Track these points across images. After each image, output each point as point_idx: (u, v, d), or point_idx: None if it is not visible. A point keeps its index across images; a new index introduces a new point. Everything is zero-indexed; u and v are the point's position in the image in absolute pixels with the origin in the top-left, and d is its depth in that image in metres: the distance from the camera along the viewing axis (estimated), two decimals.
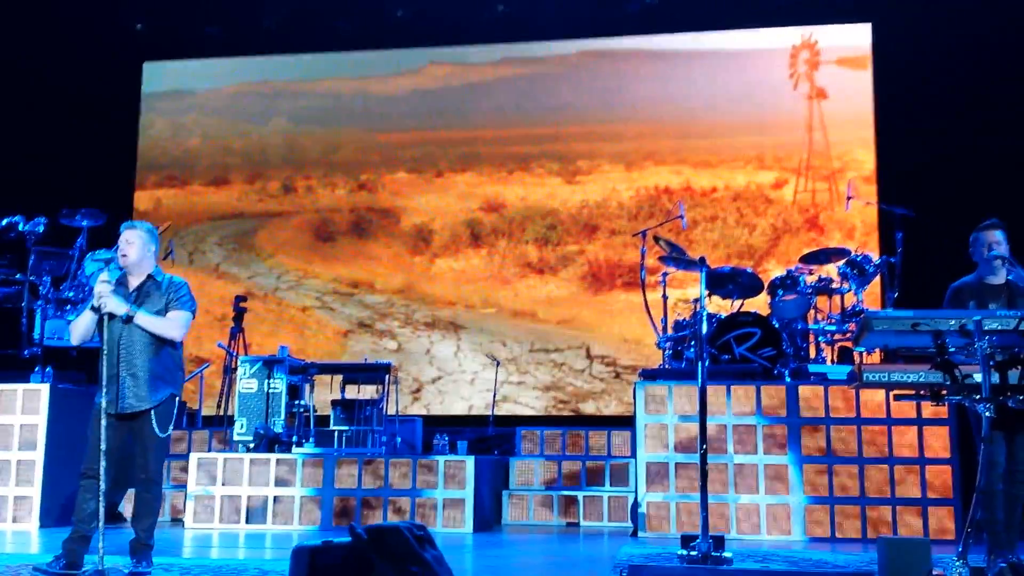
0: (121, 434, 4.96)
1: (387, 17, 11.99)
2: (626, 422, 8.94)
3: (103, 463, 4.65)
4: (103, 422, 4.71)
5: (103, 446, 4.66)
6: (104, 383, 4.86)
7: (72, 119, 11.61)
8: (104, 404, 4.81)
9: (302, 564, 1.06)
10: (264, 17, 12.18)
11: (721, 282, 8.00)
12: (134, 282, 5.12)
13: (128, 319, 4.91)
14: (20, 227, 7.87)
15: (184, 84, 12.73)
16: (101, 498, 4.62)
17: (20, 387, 7.68)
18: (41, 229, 7.94)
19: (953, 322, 4.44)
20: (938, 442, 7.16)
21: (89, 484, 4.82)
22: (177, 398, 5.14)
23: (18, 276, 8.04)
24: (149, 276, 5.13)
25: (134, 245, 5.06)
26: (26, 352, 7.85)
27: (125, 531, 5.48)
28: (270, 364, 8.65)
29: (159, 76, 12.75)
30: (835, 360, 8.19)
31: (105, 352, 4.84)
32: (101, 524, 4.61)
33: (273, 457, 7.98)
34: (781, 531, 7.15)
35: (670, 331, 8.34)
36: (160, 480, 5.13)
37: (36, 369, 7.83)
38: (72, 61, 11.67)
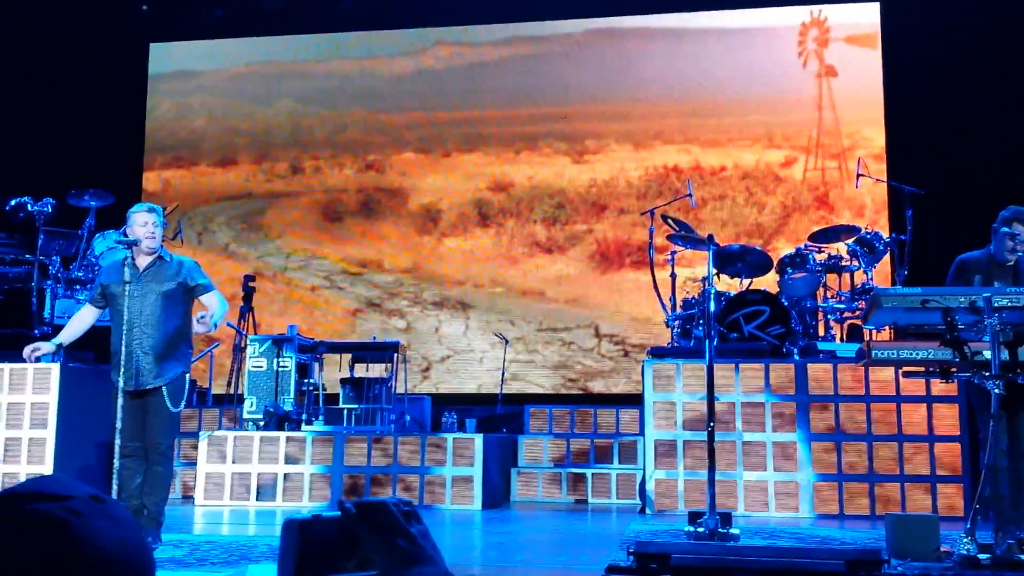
0: (138, 411, 5.03)
1: None
2: (634, 400, 8.95)
3: (118, 440, 4.72)
4: (119, 400, 4.78)
5: (118, 424, 4.72)
6: (117, 362, 4.94)
7: (79, 100, 11.60)
8: (121, 383, 4.88)
9: (292, 536, 1.10)
10: None
11: (730, 260, 7.99)
12: (144, 261, 5.19)
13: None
14: (29, 207, 7.89)
15: (190, 65, 12.71)
16: (115, 475, 4.67)
17: (31, 366, 7.67)
18: (50, 210, 7.96)
19: (963, 299, 4.44)
20: (947, 419, 7.16)
21: (127, 462, 4.95)
22: (188, 375, 5.21)
23: (28, 256, 8.06)
24: (158, 256, 5.25)
25: (159, 228, 5.26)
26: (36, 331, 7.86)
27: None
28: (279, 343, 8.68)
29: (165, 57, 12.74)
30: (844, 338, 8.19)
31: (123, 331, 4.93)
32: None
33: (283, 435, 8.02)
34: (789, 508, 7.16)
35: (678, 309, 8.33)
36: (172, 455, 5.19)
37: None
38: (79, 42, 11.67)
